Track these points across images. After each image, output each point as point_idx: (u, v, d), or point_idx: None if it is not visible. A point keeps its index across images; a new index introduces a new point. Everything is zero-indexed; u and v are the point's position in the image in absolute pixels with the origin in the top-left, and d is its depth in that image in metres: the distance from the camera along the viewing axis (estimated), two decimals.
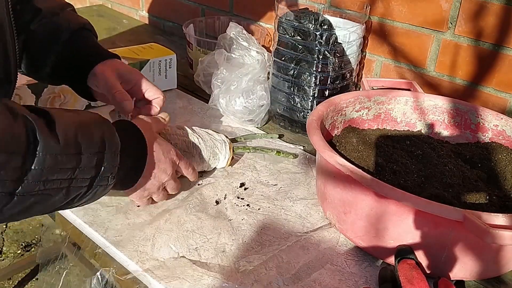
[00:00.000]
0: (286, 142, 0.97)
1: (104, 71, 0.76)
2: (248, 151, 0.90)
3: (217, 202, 0.77)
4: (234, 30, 1.03)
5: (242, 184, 0.83)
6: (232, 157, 0.85)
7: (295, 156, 0.91)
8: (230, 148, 0.84)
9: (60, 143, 0.51)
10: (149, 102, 0.81)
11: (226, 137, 0.86)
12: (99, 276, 0.67)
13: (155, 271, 0.63)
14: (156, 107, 0.80)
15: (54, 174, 0.51)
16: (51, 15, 0.79)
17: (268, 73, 1.03)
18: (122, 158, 0.60)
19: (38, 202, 0.52)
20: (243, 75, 0.98)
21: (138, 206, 0.74)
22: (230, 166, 0.86)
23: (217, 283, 0.62)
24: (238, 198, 0.79)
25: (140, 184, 0.68)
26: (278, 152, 0.91)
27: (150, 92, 0.80)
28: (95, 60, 0.77)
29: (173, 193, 0.76)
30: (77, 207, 0.62)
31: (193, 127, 0.83)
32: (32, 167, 0.49)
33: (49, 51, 0.78)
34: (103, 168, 0.57)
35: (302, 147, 0.95)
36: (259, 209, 0.77)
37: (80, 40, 0.80)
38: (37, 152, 0.49)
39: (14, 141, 0.47)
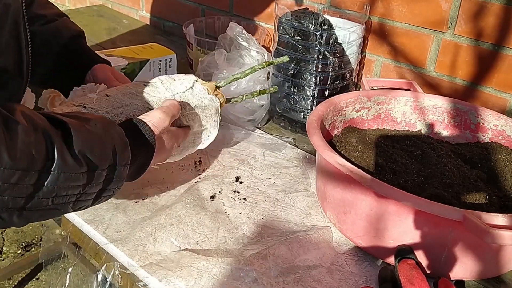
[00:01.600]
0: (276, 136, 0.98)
1: (103, 68, 0.84)
2: (237, 101, 0.84)
3: (213, 197, 0.78)
4: (234, 30, 1.03)
5: (237, 178, 0.84)
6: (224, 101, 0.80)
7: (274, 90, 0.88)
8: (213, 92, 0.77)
9: (75, 161, 0.50)
10: None
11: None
12: (103, 273, 0.67)
13: (160, 264, 0.64)
14: None
15: (65, 191, 0.50)
16: (51, 21, 0.84)
17: (268, 73, 1.03)
18: (131, 165, 0.59)
19: (44, 215, 0.51)
20: None
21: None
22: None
23: (224, 268, 0.64)
24: (234, 192, 0.80)
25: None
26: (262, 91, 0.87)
27: None
28: (93, 62, 0.84)
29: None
30: None
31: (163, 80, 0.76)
32: (45, 184, 0.48)
33: (48, 52, 0.82)
34: (112, 181, 0.56)
35: (292, 139, 0.97)
36: (256, 203, 0.78)
37: (77, 45, 0.86)
38: (52, 170, 0.48)
39: (33, 158, 0.46)
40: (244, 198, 0.79)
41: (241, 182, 0.83)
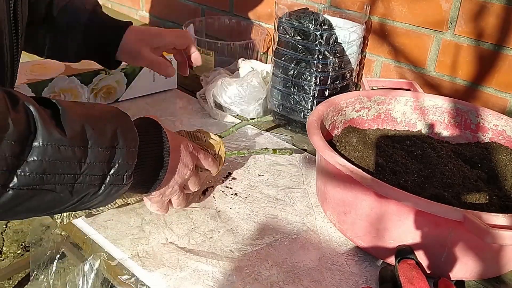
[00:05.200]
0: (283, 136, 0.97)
1: (132, 47, 0.85)
2: (243, 155, 0.84)
3: (204, 192, 0.79)
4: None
5: (229, 174, 0.84)
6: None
7: (291, 152, 0.89)
8: (220, 150, 0.77)
9: (63, 134, 0.47)
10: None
11: (218, 136, 0.79)
12: (91, 262, 0.67)
13: (145, 257, 0.65)
14: (196, 58, 0.92)
15: (56, 168, 0.46)
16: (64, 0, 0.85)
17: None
18: (141, 155, 0.55)
19: (38, 198, 0.47)
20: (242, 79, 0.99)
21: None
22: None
23: (202, 268, 0.64)
24: (227, 187, 0.81)
25: (163, 184, 0.63)
26: (274, 150, 0.86)
27: (181, 43, 0.89)
28: (117, 36, 0.84)
29: (195, 189, 0.71)
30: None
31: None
32: (30, 158, 0.44)
33: (73, 33, 0.84)
34: (117, 165, 0.52)
35: (290, 137, 0.98)
36: (246, 197, 0.78)
37: (98, 19, 0.86)
38: (36, 142, 0.45)
39: (11, 128, 0.43)
40: (235, 194, 0.79)
41: (233, 178, 0.83)
